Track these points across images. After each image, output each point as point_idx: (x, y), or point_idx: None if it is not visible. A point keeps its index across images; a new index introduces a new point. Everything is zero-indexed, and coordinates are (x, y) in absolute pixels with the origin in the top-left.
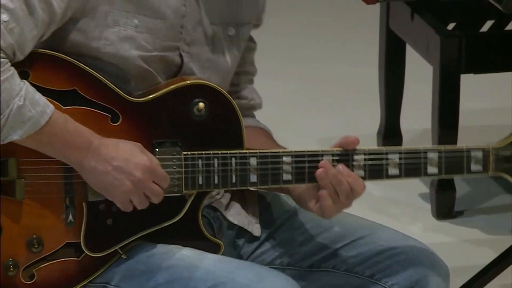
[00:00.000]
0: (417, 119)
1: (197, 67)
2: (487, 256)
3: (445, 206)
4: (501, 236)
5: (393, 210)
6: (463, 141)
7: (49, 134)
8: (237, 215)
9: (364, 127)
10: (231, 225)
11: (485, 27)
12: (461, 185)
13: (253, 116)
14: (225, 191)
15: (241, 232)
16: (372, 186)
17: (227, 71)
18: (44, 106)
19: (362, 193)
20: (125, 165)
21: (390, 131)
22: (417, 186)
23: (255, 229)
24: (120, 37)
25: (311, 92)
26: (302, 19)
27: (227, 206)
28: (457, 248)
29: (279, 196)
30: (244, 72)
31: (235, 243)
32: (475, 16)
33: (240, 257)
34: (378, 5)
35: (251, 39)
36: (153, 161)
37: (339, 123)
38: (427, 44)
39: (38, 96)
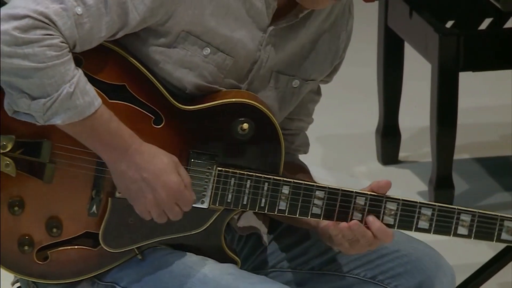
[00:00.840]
0: (416, 117)
1: None
2: (486, 254)
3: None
4: None
5: None
6: (462, 139)
7: (91, 127)
8: (249, 222)
9: (362, 125)
10: (240, 237)
11: (484, 25)
12: (460, 183)
13: (296, 156)
14: None
15: (248, 239)
16: None
17: (278, 117)
18: (93, 98)
19: (390, 242)
20: (153, 180)
21: (389, 129)
22: (416, 184)
23: (264, 237)
24: (184, 61)
25: None
26: None
27: (238, 218)
28: (456, 246)
29: None
30: (299, 119)
31: (241, 250)
32: (473, 14)
33: (244, 261)
34: (376, 3)
35: (317, 92)
36: (182, 183)
37: (338, 121)
38: (425, 42)
39: (89, 87)
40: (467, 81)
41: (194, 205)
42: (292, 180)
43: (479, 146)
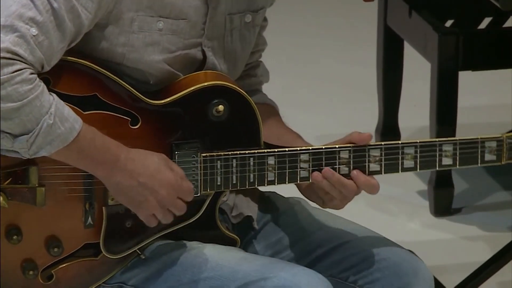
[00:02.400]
0: (415, 116)
1: (219, 59)
2: (485, 253)
3: (443, 203)
4: (499, 233)
5: (391, 207)
6: None
7: (77, 149)
8: (240, 207)
9: (362, 124)
10: (233, 226)
11: (483, 24)
12: (459, 182)
13: (261, 90)
14: (230, 192)
15: (240, 230)
16: None
17: (243, 58)
18: (73, 122)
19: (376, 193)
20: (150, 181)
21: (388, 128)
22: (415, 183)
23: (254, 222)
24: (145, 43)
25: (309, 90)
26: (299, 17)
27: (233, 208)
28: (455, 245)
29: (271, 194)
30: (257, 51)
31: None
32: (473, 13)
33: None
34: (376, 2)
35: (264, 19)
36: (177, 176)
37: (337, 120)
38: (425, 41)
39: (67, 111)
40: (467, 80)
41: None
42: (275, 150)
43: None
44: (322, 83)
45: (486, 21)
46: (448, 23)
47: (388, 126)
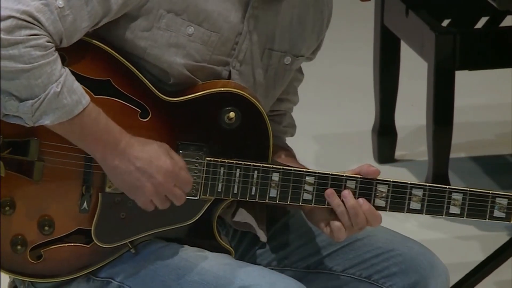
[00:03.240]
0: (412, 115)
1: (244, 84)
2: (482, 252)
3: None
4: (495, 232)
5: None
6: (458, 137)
7: (80, 125)
8: (244, 219)
9: (359, 124)
10: (235, 233)
11: (480, 24)
12: (456, 182)
13: (283, 139)
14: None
15: (242, 238)
16: None
17: (272, 96)
18: (80, 96)
19: (377, 225)
20: (147, 166)
21: (385, 128)
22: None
23: (261, 234)
24: (169, 43)
25: (306, 89)
26: None
27: (233, 213)
28: (452, 245)
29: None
30: (286, 99)
31: (237, 248)
32: (469, 13)
33: (239, 258)
34: (372, 1)
35: (299, 71)
36: (176, 165)
37: (334, 120)
38: (421, 40)
39: (76, 85)
40: (463, 79)
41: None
42: (281, 167)
43: (475, 144)
44: (319, 83)
45: (482, 21)
46: (445, 23)
47: (385, 125)
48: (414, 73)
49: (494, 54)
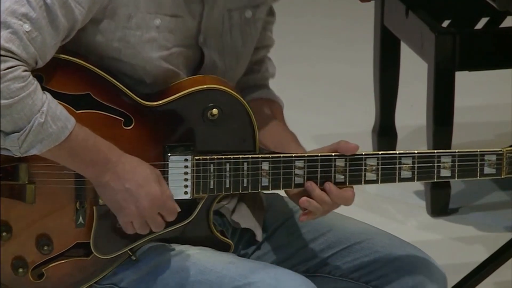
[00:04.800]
0: (412, 116)
1: (218, 56)
2: (482, 253)
3: (439, 203)
4: (496, 233)
5: (388, 208)
6: (458, 138)
7: (69, 149)
8: (243, 217)
9: (359, 124)
10: (234, 230)
11: (480, 24)
12: (456, 182)
13: (267, 85)
14: (233, 197)
15: (242, 236)
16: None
17: (246, 54)
18: (65, 121)
19: (351, 204)
20: (136, 190)
21: (385, 129)
22: (412, 184)
23: (258, 233)
24: (142, 40)
25: (306, 90)
26: (296, 17)
27: (233, 211)
28: (452, 246)
29: (276, 199)
30: (262, 46)
31: (235, 247)
32: (469, 14)
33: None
34: (372, 2)
35: (270, 13)
36: (164, 194)
37: (334, 121)
38: (421, 41)
39: (60, 110)
40: (463, 80)
41: (179, 198)
42: (270, 155)
43: (475, 145)
44: (319, 83)
45: (483, 22)
46: (445, 24)
47: (385, 126)
48: (414, 73)
49: (494, 55)
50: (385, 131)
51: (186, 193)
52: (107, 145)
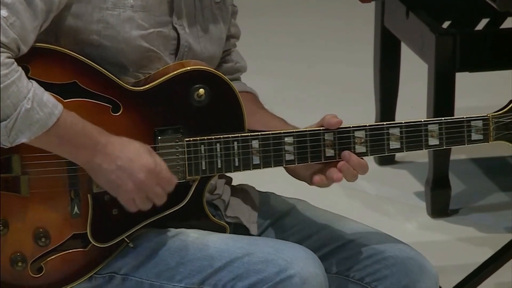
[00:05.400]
0: (412, 117)
1: (193, 38)
2: (483, 254)
3: (440, 204)
4: (496, 234)
5: (388, 208)
6: None
7: (57, 135)
8: (236, 211)
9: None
10: (228, 224)
11: (480, 25)
12: (457, 183)
13: (239, 79)
14: (225, 184)
15: (236, 231)
16: (367, 185)
17: (220, 37)
18: (52, 108)
19: (366, 172)
20: (129, 165)
21: None
22: (412, 184)
23: (253, 227)
24: (121, 19)
25: (306, 90)
26: (297, 18)
27: (227, 205)
28: (453, 246)
29: (270, 196)
30: (230, 36)
31: None
32: (470, 15)
33: None
34: (373, 3)
35: (233, 4)
36: (158, 164)
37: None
38: (422, 42)
39: (46, 97)
40: (464, 81)
41: None
42: (259, 133)
43: (476, 146)
44: (319, 84)
45: (483, 22)
46: (445, 25)
47: None
48: (415, 74)
49: (495, 56)
50: None
51: (178, 175)
52: (95, 128)
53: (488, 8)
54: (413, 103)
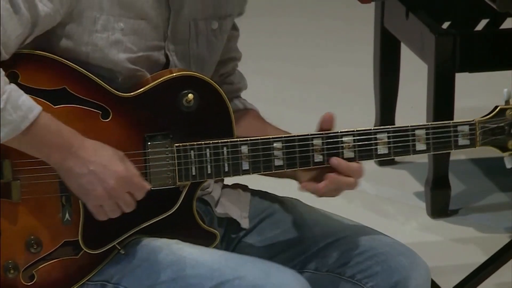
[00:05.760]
0: (412, 117)
1: (184, 65)
2: (482, 254)
3: (440, 205)
4: (495, 234)
5: (388, 209)
6: None
7: (31, 136)
8: (227, 207)
9: (359, 125)
10: (221, 220)
11: (480, 26)
12: (456, 184)
13: (240, 96)
14: (216, 182)
15: (228, 227)
16: (367, 185)
17: (210, 63)
18: (27, 111)
19: (362, 176)
20: (100, 171)
21: None
22: (412, 185)
23: (244, 222)
24: (109, 42)
25: (306, 91)
26: (296, 18)
27: (217, 202)
28: (452, 247)
29: (260, 193)
30: (230, 59)
31: (222, 239)
32: (469, 15)
33: (225, 247)
34: (373, 3)
35: (233, 27)
36: (130, 171)
37: (335, 121)
38: (421, 42)
39: (22, 100)
40: (463, 81)
41: (162, 187)
42: (248, 138)
43: None
44: (319, 85)
45: (483, 23)
46: (445, 25)
47: None
48: (414, 75)
49: (494, 56)
50: None
51: (168, 181)
52: (70, 131)
53: (488, 9)
54: (413, 104)
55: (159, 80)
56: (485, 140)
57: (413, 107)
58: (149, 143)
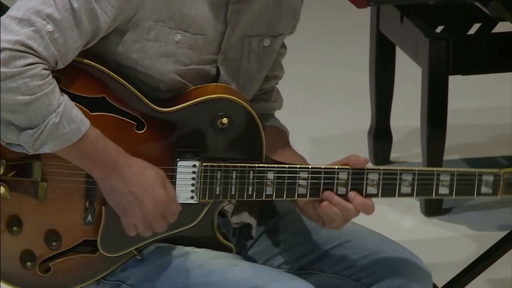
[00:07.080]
0: (407, 118)
1: (232, 78)
2: (474, 251)
3: (433, 203)
4: (488, 232)
5: (382, 207)
6: (451, 140)
7: (79, 149)
8: (241, 215)
9: (355, 127)
10: (234, 230)
11: (472, 30)
12: None
13: (273, 115)
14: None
15: (239, 233)
16: None
17: (258, 80)
18: (80, 124)
19: (372, 213)
20: (141, 193)
21: (381, 131)
22: None
23: (253, 230)
24: (160, 52)
25: (303, 93)
26: None
27: (233, 212)
28: (445, 244)
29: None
30: (273, 76)
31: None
32: (462, 19)
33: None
34: (368, 8)
35: (282, 45)
36: (169, 196)
37: (331, 123)
38: (416, 46)
39: (75, 113)
40: (456, 84)
41: (185, 202)
42: (275, 165)
43: (468, 147)
44: (316, 87)
45: (475, 27)
46: (439, 29)
47: (380, 128)
48: (409, 77)
49: (486, 59)
50: (381, 133)
51: (192, 197)
52: (115, 148)
53: (480, 13)
54: (407, 105)
55: (197, 99)
56: (508, 191)
57: (407, 109)
58: (178, 159)
